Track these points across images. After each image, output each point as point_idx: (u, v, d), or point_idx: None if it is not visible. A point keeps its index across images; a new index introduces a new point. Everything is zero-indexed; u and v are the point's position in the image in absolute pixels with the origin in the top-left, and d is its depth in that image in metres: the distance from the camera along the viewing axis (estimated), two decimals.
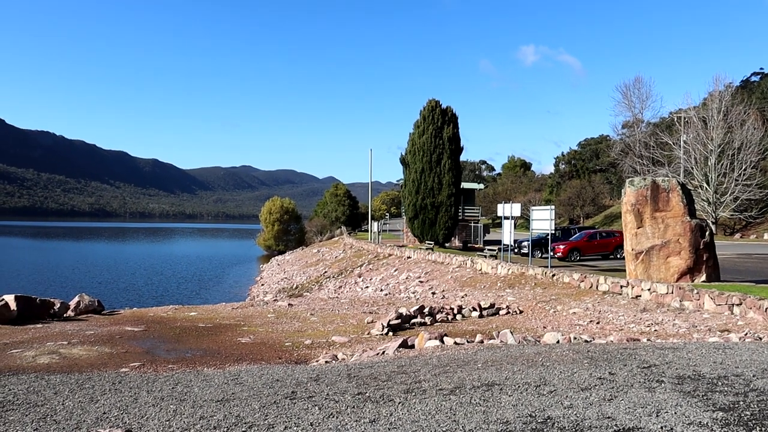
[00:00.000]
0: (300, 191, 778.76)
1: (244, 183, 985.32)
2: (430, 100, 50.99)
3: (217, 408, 7.47)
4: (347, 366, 10.79)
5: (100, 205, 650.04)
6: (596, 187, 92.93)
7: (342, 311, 22.60)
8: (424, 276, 36.58)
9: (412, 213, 50.60)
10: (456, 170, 49.71)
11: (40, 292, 25.55)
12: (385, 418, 6.37)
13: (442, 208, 49.05)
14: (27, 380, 10.46)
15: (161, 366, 12.54)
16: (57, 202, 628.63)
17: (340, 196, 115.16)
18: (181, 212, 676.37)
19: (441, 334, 13.60)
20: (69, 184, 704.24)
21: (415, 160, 50.17)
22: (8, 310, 19.37)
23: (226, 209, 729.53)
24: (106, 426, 6.85)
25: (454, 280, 32.99)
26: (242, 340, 16.00)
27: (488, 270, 33.23)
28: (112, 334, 16.68)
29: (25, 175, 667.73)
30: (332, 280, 46.77)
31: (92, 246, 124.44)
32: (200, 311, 22.98)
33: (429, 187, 49.11)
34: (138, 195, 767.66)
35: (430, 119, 49.87)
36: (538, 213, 31.76)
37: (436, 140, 49.22)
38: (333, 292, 40.20)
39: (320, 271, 55.13)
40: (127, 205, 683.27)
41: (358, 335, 16.61)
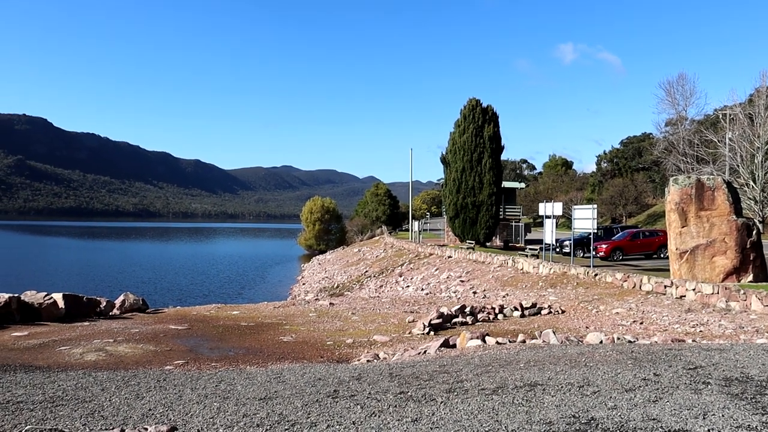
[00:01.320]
0: (340, 191, 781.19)
1: (285, 183, 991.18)
2: (470, 99, 50.78)
3: (260, 406, 7.52)
4: (389, 365, 10.79)
5: (143, 206, 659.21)
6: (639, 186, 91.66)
7: (383, 310, 22.62)
8: (465, 275, 36.45)
9: (452, 212, 50.45)
10: (497, 169, 49.45)
11: (86, 291, 25.94)
12: (428, 418, 6.36)
13: (483, 207, 48.83)
14: (75, 377, 10.65)
15: (205, 364, 12.67)
16: (102, 202, 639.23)
17: (381, 196, 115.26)
18: (223, 212, 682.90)
19: (483, 333, 13.54)
20: (114, 184, 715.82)
21: (455, 159, 50.02)
22: (56, 308, 19.76)
23: (268, 209, 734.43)
24: (151, 422, 6.94)
25: (495, 280, 32.83)
26: (284, 338, 16.09)
27: (530, 269, 33.00)
28: (157, 332, 16.90)
29: (72, 177, 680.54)
30: (373, 280, 46.83)
31: (136, 246, 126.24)
32: (242, 310, 23.16)
33: (470, 187, 48.92)
34: (181, 195, 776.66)
35: (471, 118, 49.67)
36: (580, 212, 31.47)
37: (476, 139, 49.01)
38: (374, 292, 40.26)
39: (361, 270, 55.23)
40: (170, 205, 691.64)
41: (400, 334, 16.61)
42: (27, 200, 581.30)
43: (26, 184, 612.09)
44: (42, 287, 22.49)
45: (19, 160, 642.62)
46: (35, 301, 19.61)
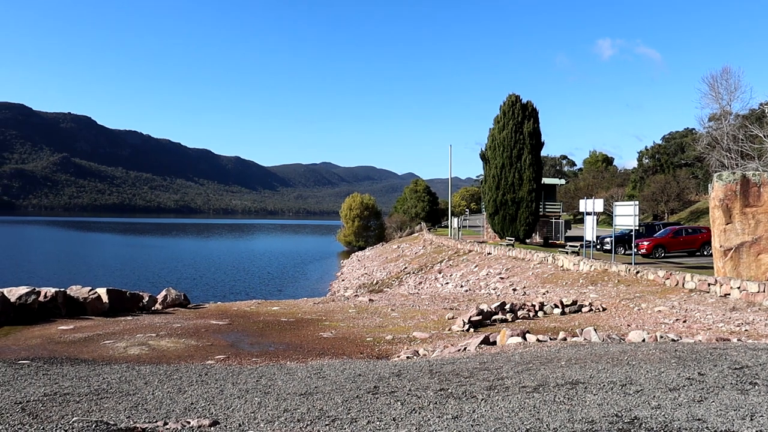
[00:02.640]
0: (379, 187, 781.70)
1: (324, 179, 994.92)
2: (510, 95, 50.49)
3: (300, 401, 7.56)
4: (429, 362, 10.78)
5: (184, 202, 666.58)
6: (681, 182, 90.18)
7: (422, 307, 22.60)
8: (504, 272, 36.28)
9: (492, 209, 50.22)
10: (537, 165, 49.12)
11: (129, 286, 26.42)
12: (468, 415, 6.34)
13: (522, 203, 48.55)
14: (119, 370, 10.82)
15: (245, 359, 12.78)
16: (144, 199, 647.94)
17: (420, 192, 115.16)
18: (263, 208, 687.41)
19: (523, 330, 13.46)
20: (155, 181, 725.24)
21: (495, 156, 49.79)
22: (101, 302, 20.09)
23: (307, 205, 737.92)
24: (193, 416, 7.01)
25: (535, 277, 32.62)
26: (324, 334, 16.17)
27: (570, 266, 32.74)
28: (198, 327, 17.09)
29: (115, 174, 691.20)
30: (412, 276, 46.82)
31: (177, 242, 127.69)
32: (282, 306, 23.31)
33: (509, 183, 48.66)
34: (221, 192, 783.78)
35: (510, 114, 49.39)
36: (621, 209, 31.12)
37: (516, 135, 48.73)
38: (413, 288, 40.24)
39: (400, 266, 55.24)
40: (211, 201, 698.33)
41: (439, 331, 16.59)
42: (72, 197, 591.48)
43: (71, 181, 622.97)
44: (86, 282, 22.88)
45: (64, 157, 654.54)
46: (80, 296, 19.97)
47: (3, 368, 11.04)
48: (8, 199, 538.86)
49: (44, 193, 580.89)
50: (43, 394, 8.95)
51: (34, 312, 18.42)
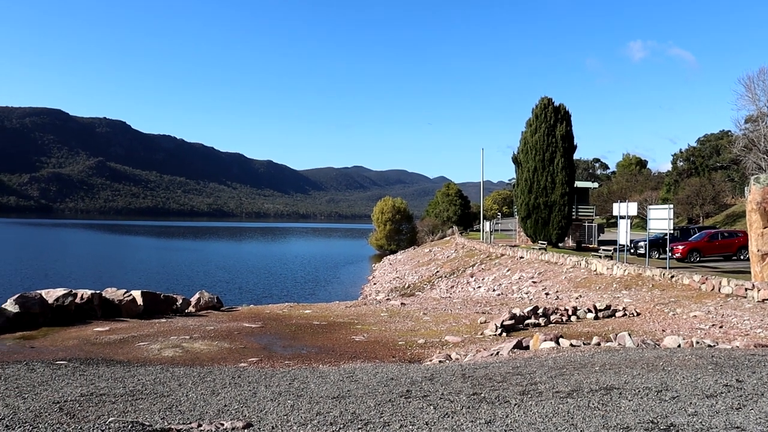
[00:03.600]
0: (411, 191, 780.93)
1: (356, 183, 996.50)
2: (542, 98, 50.19)
3: (333, 404, 7.57)
4: (461, 366, 10.75)
5: (217, 206, 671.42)
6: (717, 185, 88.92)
7: (454, 311, 22.55)
8: (537, 276, 36.05)
9: (524, 212, 49.95)
10: (569, 169, 48.75)
11: (163, 289, 26.61)
12: (501, 420, 6.30)
13: (555, 207, 48.21)
14: (153, 371, 10.93)
15: (278, 362, 12.84)
16: (178, 202, 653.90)
17: (452, 196, 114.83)
18: (295, 212, 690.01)
19: (556, 335, 13.37)
20: (189, 185, 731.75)
21: (527, 159, 49.51)
22: (135, 304, 20.32)
23: (339, 209, 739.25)
24: (227, 418, 7.06)
25: (568, 281, 32.38)
26: (356, 338, 16.19)
27: (603, 271, 32.44)
28: (231, 329, 17.21)
29: (149, 177, 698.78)
30: (444, 280, 46.71)
31: (210, 245, 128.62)
32: (315, 309, 23.39)
33: (542, 186, 48.36)
34: (253, 195, 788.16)
35: (543, 117, 49.08)
36: (655, 212, 30.78)
37: (548, 138, 48.42)
38: (445, 292, 40.14)
39: (432, 270, 55.14)
40: (243, 205, 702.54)
41: (471, 335, 16.53)
42: (107, 200, 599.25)
43: (106, 185, 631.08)
44: (121, 285, 23.17)
45: (100, 161, 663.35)
46: (115, 298, 20.21)
47: (41, 368, 11.22)
48: (46, 203, 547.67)
49: (80, 196, 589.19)
50: (80, 394, 9.07)
51: (71, 313, 18.68)
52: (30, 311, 17.66)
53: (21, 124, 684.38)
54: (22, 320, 17.35)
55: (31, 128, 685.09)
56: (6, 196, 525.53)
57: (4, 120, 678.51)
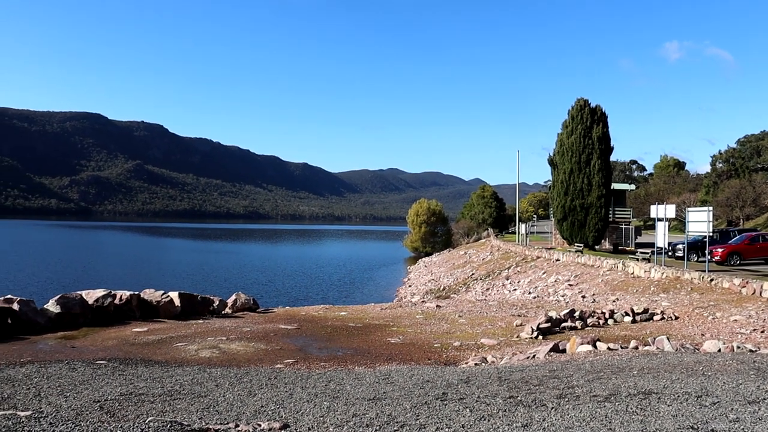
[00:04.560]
0: (446, 193, 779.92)
1: (390, 185, 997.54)
2: (578, 100, 49.83)
3: (369, 406, 7.59)
4: (497, 369, 10.71)
5: (253, 208, 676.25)
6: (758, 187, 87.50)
7: (490, 314, 22.46)
8: (573, 279, 35.78)
9: (560, 215, 49.61)
10: (606, 171, 48.31)
11: (200, 290, 26.84)
12: (538, 423, 6.27)
13: (591, 209, 47.82)
14: (191, 372, 11.05)
15: (314, 363, 12.90)
16: (214, 205, 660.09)
17: (487, 198, 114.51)
18: (330, 214, 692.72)
19: (593, 339, 13.25)
20: (225, 187, 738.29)
21: (563, 161, 49.18)
22: (173, 306, 20.54)
23: (374, 211, 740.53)
24: (264, 419, 7.11)
25: (605, 284, 32.08)
26: (391, 340, 16.20)
27: (641, 274, 32.08)
28: (267, 331, 17.31)
29: (186, 180, 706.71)
30: (479, 282, 46.56)
31: (247, 247, 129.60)
32: (350, 311, 23.44)
33: (578, 188, 47.99)
34: (289, 198, 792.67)
35: (579, 119, 48.72)
36: (694, 214, 30.38)
37: (585, 140, 48.04)
38: (480, 294, 40.02)
39: (467, 273, 55.00)
40: (279, 207, 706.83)
41: (507, 338, 16.45)
42: (145, 203, 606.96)
43: (144, 188, 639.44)
44: (159, 286, 23.42)
45: (138, 164, 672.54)
46: (153, 299, 20.45)
47: (82, 368, 11.40)
48: (85, 205, 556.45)
49: (119, 199, 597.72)
50: (120, 393, 9.20)
51: (110, 314, 18.94)
52: (71, 311, 17.94)
53: (62, 129, 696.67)
54: (64, 320, 17.64)
55: (72, 132, 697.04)
56: (47, 198, 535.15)
57: (45, 124, 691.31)
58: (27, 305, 17.37)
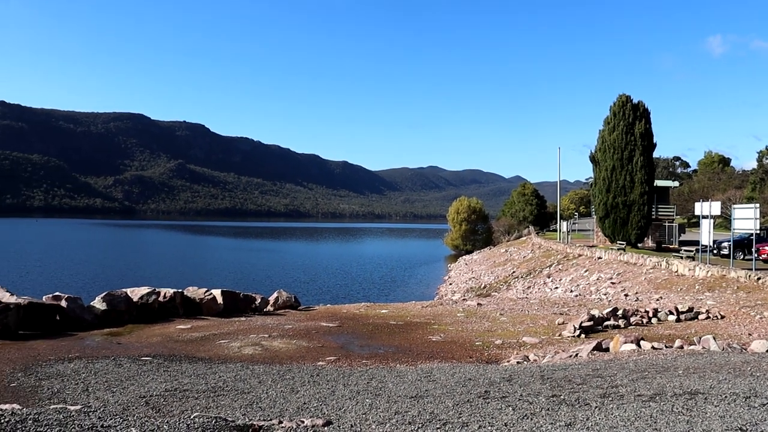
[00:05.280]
0: (486, 191, 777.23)
1: (431, 183, 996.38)
2: (620, 96, 49.25)
3: (411, 404, 7.60)
4: (539, 367, 10.65)
5: (294, 206, 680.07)
6: None
7: (531, 312, 22.32)
8: (615, 277, 35.39)
9: (602, 212, 49.11)
10: (649, 167, 47.69)
11: (242, 288, 27.13)
12: (581, 423, 6.22)
13: (634, 206, 47.25)
14: (234, 369, 11.18)
15: (355, 361, 12.94)
16: (255, 203, 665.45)
17: (528, 196, 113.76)
18: (371, 212, 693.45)
19: (637, 337, 13.09)
20: (266, 186, 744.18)
21: (605, 158, 48.68)
22: (216, 303, 20.77)
23: (414, 209, 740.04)
24: (306, 416, 7.15)
25: (648, 282, 31.68)
26: (433, 338, 16.19)
27: (685, 272, 31.61)
28: (309, 328, 17.41)
29: (227, 179, 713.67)
30: (520, 280, 46.30)
31: (288, 245, 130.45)
32: (391, 309, 23.47)
33: (620, 186, 47.46)
34: (329, 196, 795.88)
35: (621, 115, 48.16)
36: (740, 212, 29.83)
37: (627, 137, 47.47)
38: (521, 293, 39.79)
39: (508, 271, 54.71)
40: (319, 205, 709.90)
41: (549, 336, 16.34)
42: (187, 201, 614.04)
43: (186, 187, 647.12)
44: (201, 284, 23.69)
45: (180, 164, 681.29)
46: (196, 297, 20.71)
47: (128, 364, 11.60)
48: (129, 204, 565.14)
49: (161, 198, 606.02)
50: (165, 389, 9.35)
51: (154, 311, 19.22)
52: (116, 309, 18.26)
53: (106, 129, 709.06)
54: (109, 317, 17.95)
55: (115, 133, 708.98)
56: (92, 198, 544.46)
57: (90, 125, 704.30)
58: (74, 302, 17.73)
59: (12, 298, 16.52)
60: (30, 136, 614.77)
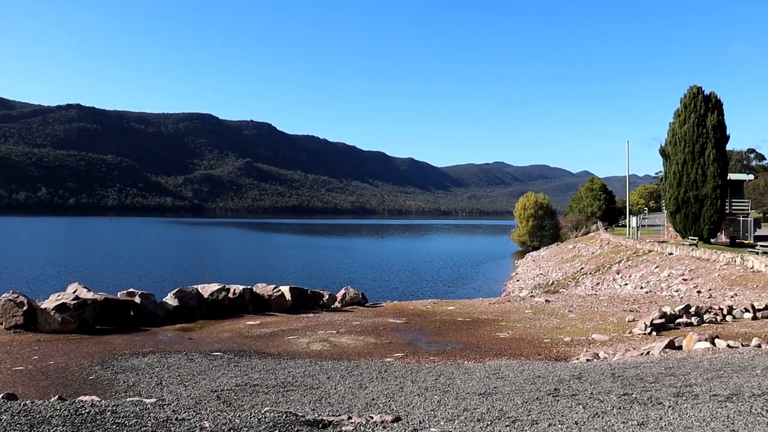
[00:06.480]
0: (553, 186, 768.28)
1: (497, 179, 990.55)
2: (691, 87, 48.09)
3: (479, 401, 7.57)
4: (610, 365, 10.48)
5: (360, 203, 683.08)
6: None
7: (601, 309, 21.98)
8: (687, 273, 34.61)
9: (673, 207, 48.06)
10: (721, 160, 46.45)
11: (309, 284, 27.39)
12: (655, 422, 6.10)
13: (706, 201, 46.10)
14: (303, 365, 11.31)
15: (423, 357, 12.95)
16: (321, 200, 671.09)
17: (596, 191, 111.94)
18: (436, 209, 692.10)
19: (711, 335, 12.77)
20: (332, 183, 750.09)
21: (675, 151, 47.62)
22: (284, 299, 21.03)
23: (480, 205, 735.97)
24: (375, 412, 7.18)
25: (722, 279, 30.87)
26: (500, 335, 16.08)
27: (761, 268, 30.70)
28: (376, 325, 17.48)
29: (294, 177, 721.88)
30: (589, 277, 45.66)
31: (354, 242, 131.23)
32: (458, 306, 23.38)
33: (691, 180, 46.37)
34: (395, 193, 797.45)
35: (692, 107, 47.03)
36: None
37: (698, 129, 46.34)
38: (590, 289, 39.23)
39: (576, 267, 54.02)
40: (385, 202, 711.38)
41: (619, 334, 16.06)
42: (255, 199, 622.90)
43: (254, 185, 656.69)
44: (270, 280, 23.97)
45: (247, 162, 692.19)
46: (265, 293, 21.00)
47: (199, 359, 11.86)
48: (198, 203, 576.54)
49: (230, 196, 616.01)
50: (235, 384, 9.52)
51: (224, 308, 19.56)
52: (188, 305, 18.65)
53: (176, 129, 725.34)
54: (181, 313, 18.35)
55: (185, 132, 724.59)
56: (163, 197, 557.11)
57: (160, 126, 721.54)
58: (147, 298, 18.19)
59: (89, 294, 17.05)
60: (104, 138, 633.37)
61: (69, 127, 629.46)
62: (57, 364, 11.66)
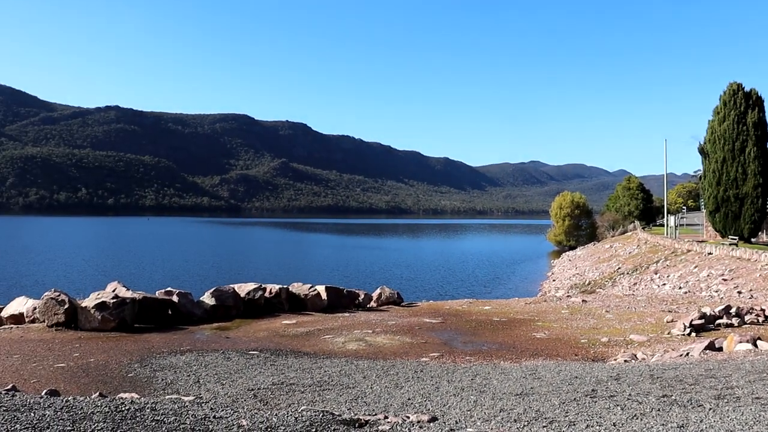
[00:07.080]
0: (590, 185, 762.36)
1: (532, 178, 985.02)
2: (731, 84, 47.36)
3: (516, 401, 7.53)
4: (648, 366, 10.36)
5: (395, 203, 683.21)
6: None
7: (638, 309, 21.73)
8: (727, 274, 34.09)
9: (712, 206, 47.37)
10: (763, 158, 45.65)
11: (345, 284, 27.47)
12: (695, 425, 6.01)
13: (746, 200, 45.37)
14: (339, 364, 11.35)
15: (459, 357, 12.91)
16: (357, 200, 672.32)
17: (633, 190, 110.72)
18: (472, 208, 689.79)
19: (753, 337, 12.55)
20: (367, 183, 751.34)
21: (715, 149, 46.92)
22: (320, 299, 21.11)
23: (516, 205, 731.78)
24: (411, 411, 7.18)
25: (763, 279, 30.36)
26: (537, 335, 15.98)
27: None
28: (412, 324, 17.47)
29: (329, 177, 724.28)
30: (626, 277, 45.20)
31: (389, 241, 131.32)
32: (494, 305, 23.28)
33: (731, 178, 45.66)
34: (430, 192, 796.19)
35: (732, 104, 46.31)
36: None
37: (738, 126, 45.62)
38: (627, 289, 38.84)
39: (613, 267, 53.50)
40: (420, 202, 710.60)
41: (657, 334, 15.87)
42: (290, 199, 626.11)
43: (289, 185, 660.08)
44: (306, 280, 24.08)
45: (283, 162, 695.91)
46: (301, 293, 21.11)
47: (236, 357, 11.96)
48: (234, 203, 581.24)
49: (265, 196, 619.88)
50: (272, 382, 9.59)
51: (261, 307, 19.69)
52: (224, 304, 18.81)
53: (212, 130, 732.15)
54: (218, 312, 18.52)
55: (221, 133, 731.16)
56: (200, 197, 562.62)
57: (197, 126, 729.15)
58: (185, 297, 18.39)
59: (128, 293, 17.29)
60: (142, 139, 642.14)
61: (108, 129, 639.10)
62: (97, 361, 11.84)
